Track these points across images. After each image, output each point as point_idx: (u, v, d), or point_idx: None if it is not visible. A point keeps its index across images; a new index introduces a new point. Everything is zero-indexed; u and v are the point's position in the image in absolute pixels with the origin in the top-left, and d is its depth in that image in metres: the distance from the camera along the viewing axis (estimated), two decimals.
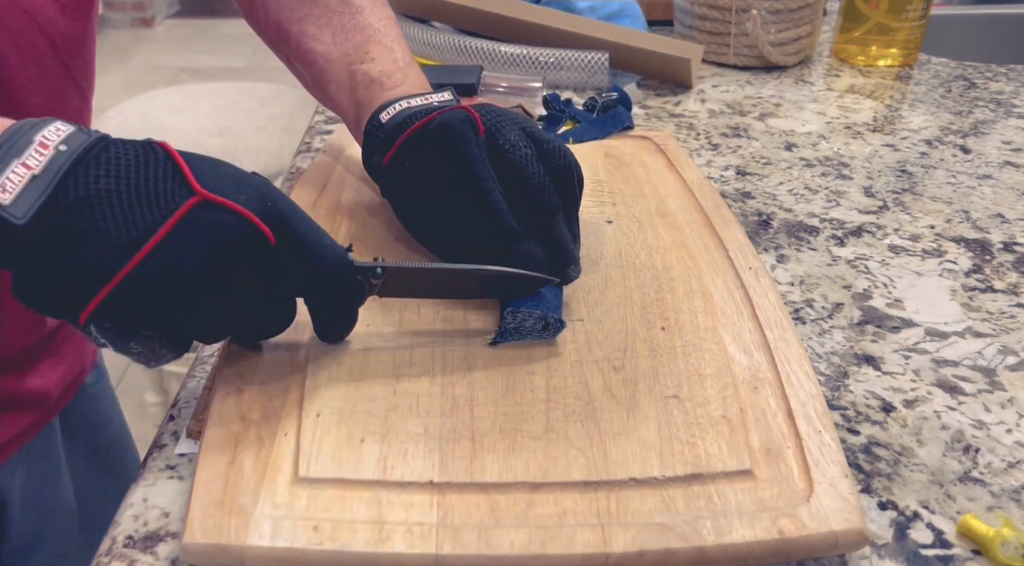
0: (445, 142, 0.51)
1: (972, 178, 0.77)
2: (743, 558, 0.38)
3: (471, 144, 0.50)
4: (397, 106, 0.55)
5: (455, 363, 0.47)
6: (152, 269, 0.36)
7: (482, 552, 0.37)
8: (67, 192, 0.36)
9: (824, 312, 0.58)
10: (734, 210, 0.70)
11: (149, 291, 0.36)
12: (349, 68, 0.59)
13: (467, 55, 0.95)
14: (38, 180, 0.35)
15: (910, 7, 1.01)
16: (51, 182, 0.36)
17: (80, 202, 0.36)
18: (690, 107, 0.93)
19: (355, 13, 0.61)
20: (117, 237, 0.36)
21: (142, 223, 0.36)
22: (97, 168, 0.37)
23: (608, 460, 0.41)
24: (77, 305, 0.36)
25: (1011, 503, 0.43)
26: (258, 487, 0.39)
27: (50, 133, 0.37)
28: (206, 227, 0.37)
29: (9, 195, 0.35)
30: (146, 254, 0.36)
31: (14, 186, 0.35)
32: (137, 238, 0.36)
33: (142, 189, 0.37)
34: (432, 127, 0.52)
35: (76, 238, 0.36)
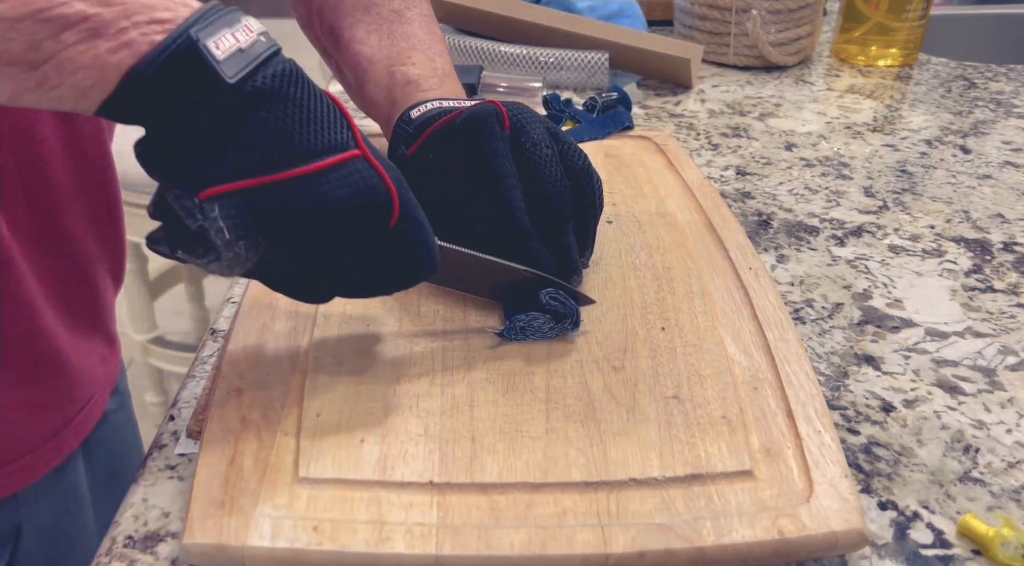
0: (471, 135, 0.51)
1: (972, 178, 0.77)
2: (743, 558, 0.38)
3: (496, 138, 0.51)
4: (430, 105, 0.56)
5: (455, 363, 0.47)
6: (303, 189, 0.38)
7: (482, 552, 0.37)
8: (266, 76, 0.37)
9: (824, 312, 0.58)
10: (734, 210, 0.70)
11: (293, 207, 0.37)
12: (389, 69, 0.61)
13: (467, 55, 0.95)
14: (244, 54, 0.37)
15: (910, 7, 1.01)
16: (254, 61, 0.37)
17: (273, 92, 0.37)
18: (690, 107, 0.93)
19: (404, 23, 0.63)
20: (289, 142, 0.37)
21: (313, 144, 0.38)
22: (285, 72, 0.38)
23: (608, 460, 0.41)
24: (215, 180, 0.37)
25: (1011, 503, 0.43)
26: (258, 487, 0.39)
27: (252, 22, 0.38)
28: (360, 180, 0.39)
29: (223, 54, 0.36)
30: (309, 172, 0.38)
31: (226, 49, 0.36)
32: (305, 154, 0.38)
33: (320, 116, 0.39)
34: (459, 121, 0.52)
35: (256, 123, 0.37)
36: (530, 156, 0.51)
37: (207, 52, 0.35)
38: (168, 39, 0.35)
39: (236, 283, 0.61)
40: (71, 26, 0.34)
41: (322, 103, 0.39)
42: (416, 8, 0.64)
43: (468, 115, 0.52)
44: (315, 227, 0.39)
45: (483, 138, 0.51)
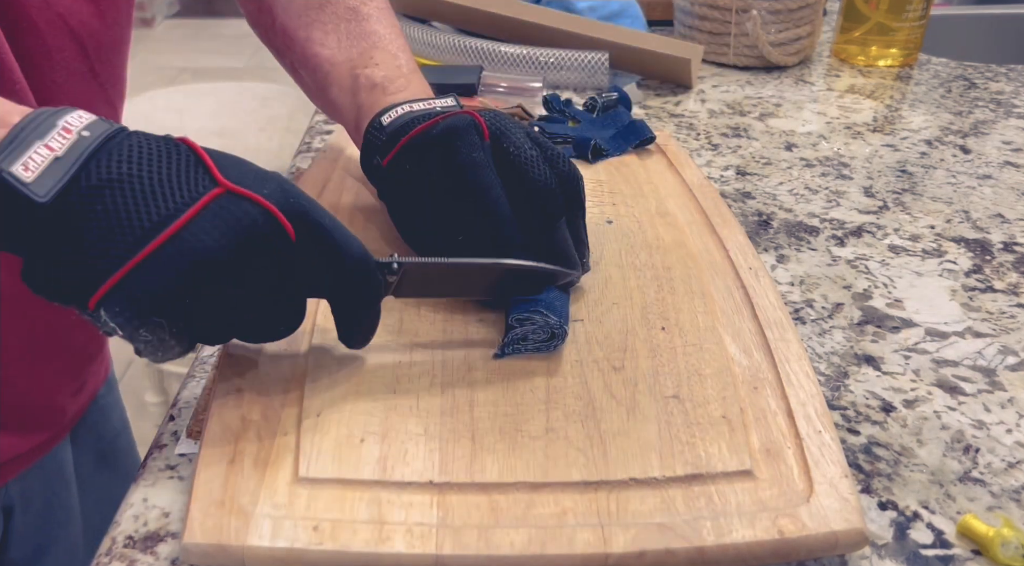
0: (450, 147, 0.50)
1: (972, 178, 0.77)
2: (743, 558, 0.38)
3: (476, 149, 0.50)
4: (399, 110, 0.54)
5: (455, 363, 0.47)
6: (170, 254, 0.36)
7: (482, 552, 0.37)
8: (89, 175, 0.36)
9: (824, 312, 0.58)
10: (734, 210, 0.70)
11: (165, 276, 0.36)
12: (352, 72, 0.59)
13: (467, 55, 0.95)
14: (60, 162, 0.35)
15: (910, 7, 1.01)
16: (73, 164, 0.36)
17: (102, 185, 0.36)
18: (690, 107, 0.93)
19: (361, 21, 0.61)
20: (138, 220, 0.36)
21: (164, 209, 0.36)
22: (119, 154, 0.37)
23: (608, 460, 0.41)
24: (88, 289, 0.36)
25: (1011, 503, 0.43)
26: (258, 487, 0.39)
27: (73, 119, 0.37)
28: (230, 217, 0.37)
29: (32, 174, 0.35)
30: (167, 238, 0.36)
31: (36, 166, 0.35)
32: (158, 223, 0.36)
33: (165, 177, 0.37)
34: (436, 131, 0.51)
35: (95, 221, 0.36)
36: (515, 159, 0.50)
37: (13, 180, 0.34)
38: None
39: None
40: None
41: (165, 163, 0.37)
42: (372, 2, 0.62)
43: (445, 126, 0.51)
44: (205, 281, 0.37)
45: (462, 149, 0.50)
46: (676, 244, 0.59)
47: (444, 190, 0.51)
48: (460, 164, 0.50)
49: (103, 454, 0.72)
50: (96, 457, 0.71)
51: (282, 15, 0.62)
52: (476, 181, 0.49)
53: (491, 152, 0.51)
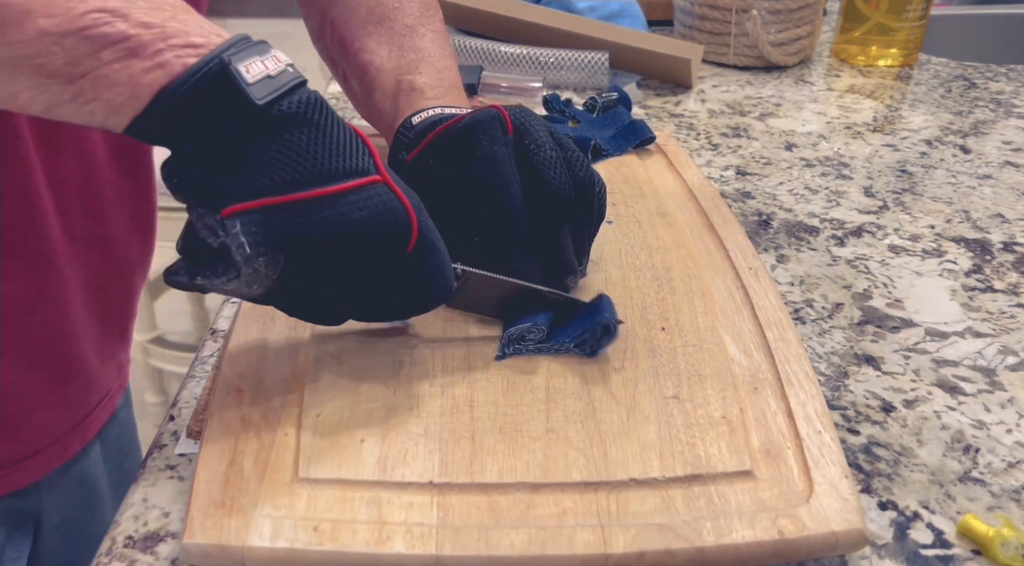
0: (472, 139, 0.51)
1: (972, 178, 0.77)
2: (743, 558, 0.38)
3: (498, 143, 0.51)
4: (431, 112, 0.56)
5: (455, 363, 0.47)
6: (326, 210, 0.38)
7: (482, 553, 0.37)
8: (292, 102, 0.38)
9: (824, 312, 0.58)
10: (734, 210, 0.70)
11: (314, 227, 0.38)
12: (396, 78, 0.61)
13: (467, 55, 0.95)
14: (272, 80, 0.38)
15: (910, 7, 1.01)
16: (282, 87, 0.38)
17: (298, 117, 0.38)
18: (690, 107, 0.93)
19: (416, 37, 0.64)
20: (313, 164, 0.38)
21: (336, 167, 0.39)
22: (314, 100, 0.39)
23: (608, 461, 0.41)
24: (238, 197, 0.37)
25: (1011, 503, 0.43)
26: (258, 487, 0.39)
27: (280, 53, 0.39)
28: (380, 204, 0.40)
29: (252, 77, 0.37)
30: (331, 193, 0.38)
31: (256, 74, 0.37)
32: (327, 176, 0.39)
33: (343, 142, 0.40)
34: (460, 125, 0.52)
35: (278, 144, 0.38)
36: (534, 157, 0.50)
37: (238, 75, 0.37)
38: (201, 62, 0.36)
39: None
40: (111, 44, 0.35)
41: (344, 131, 0.40)
42: (429, 25, 0.64)
43: (470, 120, 0.52)
44: (333, 247, 0.39)
45: (484, 142, 0.50)
46: (676, 244, 0.59)
47: (464, 184, 0.51)
48: (481, 156, 0.50)
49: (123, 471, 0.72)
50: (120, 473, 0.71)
51: (342, 27, 0.64)
52: (494, 175, 0.50)
53: (512, 148, 0.51)
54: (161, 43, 0.36)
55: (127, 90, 0.36)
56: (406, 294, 0.44)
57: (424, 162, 0.54)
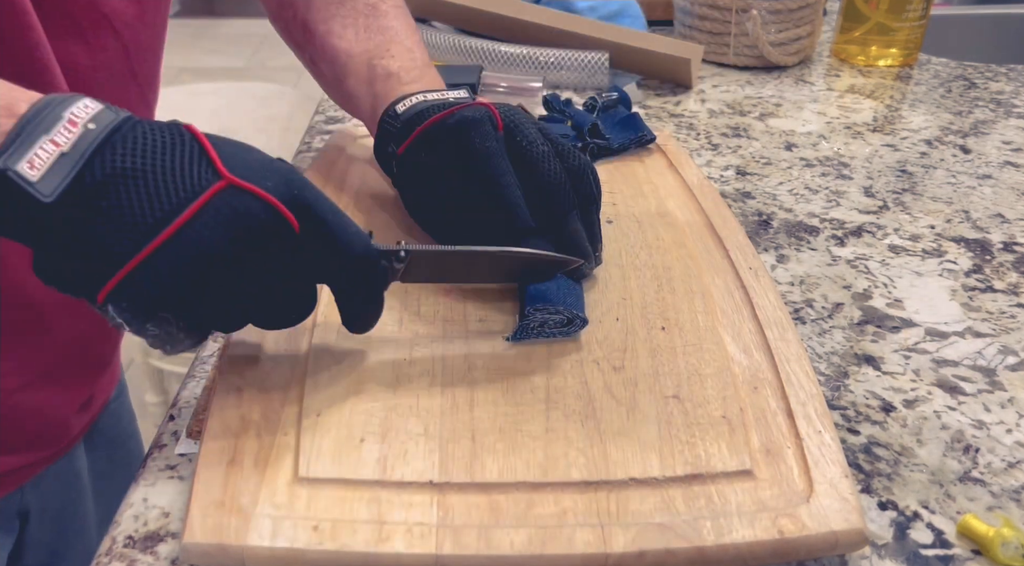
0: (465, 136, 0.51)
1: (972, 178, 0.77)
2: (743, 558, 0.38)
3: (490, 139, 0.51)
4: (413, 99, 0.56)
5: (455, 363, 0.47)
6: (173, 251, 0.36)
7: (482, 552, 0.37)
8: (94, 171, 0.36)
9: (824, 312, 0.58)
10: (734, 210, 0.70)
11: (169, 272, 0.36)
12: (369, 63, 0.61)
13: (467, 55, 0.95)
14: (66, 157, 0.35)
15: (910, 7, 1.01)
16: (79, 160, 0.35)
17: (106, 181, 0.36)
18: (690, 107, 0.93)
19: (379, 16, 0.63)
20: (141, 217, 0.36)
21: (167, 204, 0.36)
22: (124, 148, 0.36)
23: (608, 460, 0.41)
24: (96, 284, 0.36)
25: (1011, 503, 0.43)
26: (258, 487, 0.39)
27: (79, 110, 0.36)
28: (232, 212, 0.37)
29: (37, 172, 0.35)
30: (168, 236, 0.36)
31: (42, 163, 0.35)
32: (161, 219, 0.36)
33: (168, 171, 0.37)
34: (451, 121, 0.52)
35: (100, 217, 0.35)
36: (527, 153, 0.51)
37: (19, 178, 0.34)
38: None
39: None
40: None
41: (172, 154, 0.37)
42: (390, 1, 0.64)
43: (460, 117, 0.52)
44: (210, 275, 0.37)
45: (477, 138, 0.51)
46: (676, 244, 0.59)
47: (458, 178, 0.52)
48: (474, 151, 0.51)
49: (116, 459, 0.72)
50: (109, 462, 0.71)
51: (303, 10, 0.64)
52: (489, 169, 0.51)
53: (504, 144, 0.52)
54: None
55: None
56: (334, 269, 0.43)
57: (415, 155, 0.54)
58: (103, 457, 0.70)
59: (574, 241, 0.52)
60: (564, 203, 0.51)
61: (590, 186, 0.53)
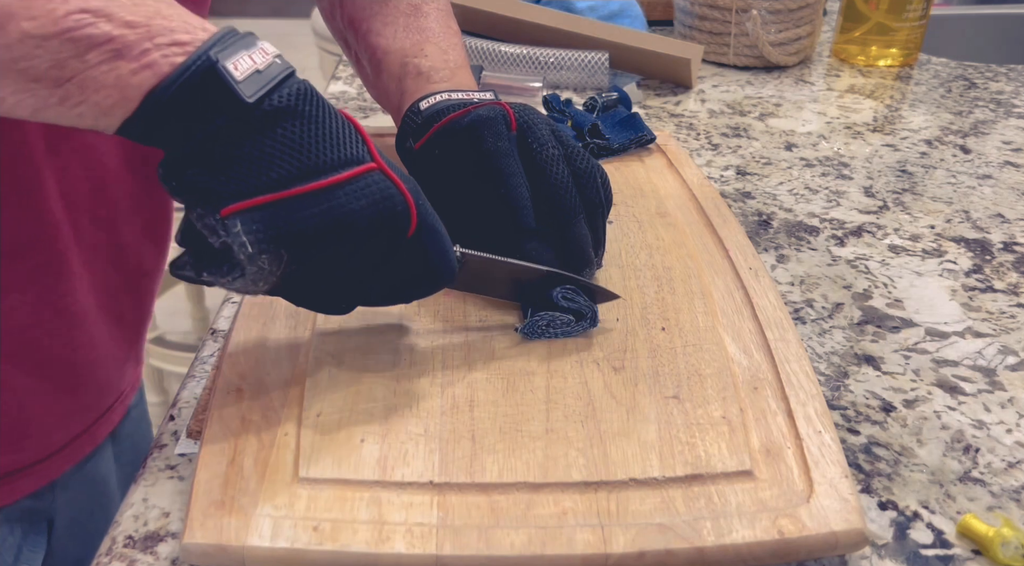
0: (477, 134, 0.52)
1: (972, 178, 0.77)
2: (743, 558, 0.38)
3: (503, 139, 0.52)
4: (438, 97, 0.57)
5: (455, 363, 0.47)
6: (324, 201, 0.38)
7: (482, 552, 0.37)
8: (282, 95, 0.38)
9: (824, 312, 0.58)
10: (734, 210, 0.70)
11: (313, 220, 0.38)
12: (402, 60, 0.62)
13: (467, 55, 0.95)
14: (261, 75, 0.38)
15: (910, 7, 1.01)
16: (271, 81, 0.38)
17: (287, 110, 0.38)
18: (690, 107, 0.93)
19: (420, 17, 0.65)
20: (307, 157, 0.38)
21: (330, 158, 0.39)
22: (304, 91, 0.39)
23: (608, 460, 0.41)
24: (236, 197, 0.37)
25: (1011, 503, 0.43)
26: (258, 487, 0.39)
27: (267, 45, 0.39)
28: (377, 191, 0.40)
29: (240, 74, 0.37)
30: (328, 185, 0.38)
31: (244, 70, 0.37)
32: (323, 168, 0.38)
33: (334, 132, 0.40)
34: (466, 119, 0.53)
35: (271, 140, 0.38)
36: (536, 155, 0.52)
37: (226, 73, 0.36)
38: (188, 60, 0.36)
39: None
40: (96, 46, 0.35)
41: (337, 121, 0.40)
42: (433, 3, 0.65)
43: (475, 116, 0.53)
44: (335, 238, 0.39)
45: (489, 137, 0.52)
46: (676, 244, 0.59)
47: (470, 175, 0.53)
48: (485, 150, 0.52)
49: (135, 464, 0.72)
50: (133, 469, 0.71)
51: (350, 7, 0.65)
52: (498, 167, 0.52)
53: (515, 145, 0.53)
54: (147, 43, 0.36)
55: (115, 93, 0.35)
56: (411, 278, 0.44)
57: (431, 152, 0.55)
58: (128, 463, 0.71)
59: (577, 246, 0.52)
60: (569, 208, 0.52)
61: (597, 191, 0.54)
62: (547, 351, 0.48)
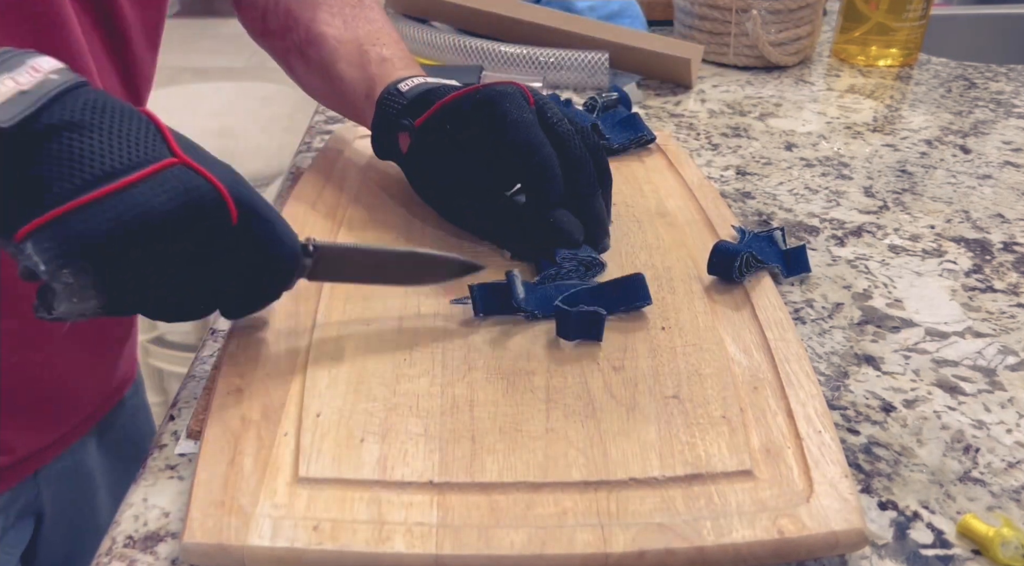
0: (500, 107, 0.53)
1: (972, 178, 0.77)
2: (743, 558, 0.38)
3: (527, 111, 0.53)
4: (415, 81, 0.58)
5: (455, 363, 0.47)
6: (115, 205, 0.37)
7: (482, 552, 0.37)
8: (52, 113, 0.37)
9: (824, 312, 0.58)
10: (734, 210, 0.70)
11: (106, 224, 0.37)
12: (361, 48, 0.63)
13: (467, 55, 0.95)
14: (25, 96, 0.36)
15: (910, 7, 1.01)
16: (38, 101, 0.36)
17: (61, 126, 0.37)
18: (690, 107, 0.93)
19: (365, 8, 0.66)
20: (88, 168, 0.37)
21: (117, 163, 0.37)
22: (84, 102, 0.37)
23: (608, 460, 0.41)
24: (22, 220, 0.36)
25: (1011, 503, 0.43)
26: (258, 487, 0.39)
27: (42, 62, 0.37)
28: (181, 186, 0.38)
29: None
30: (116, 189, 0.37)
31: (1, 95, 0.35)
32: (110, 173, 0.37)
33: (124, 135, 0.38)
34: (483, 94, 0.54)
35: (47, 158, 0.36)
36: (556, 128, 0.53)
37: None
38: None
39: None
40: None
41: (131, 124, 0.39)
42: None
43: (494, 91, 0.54)
44: (140, 239, 0.38)
45: (514, 109, 0.53)
46: (676, 244, 0.59)
47: (490, 148, 0.53)
48: (514, 121, 0.52)
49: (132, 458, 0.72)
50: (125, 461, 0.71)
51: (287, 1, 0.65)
52: (526, 138, 0.52)
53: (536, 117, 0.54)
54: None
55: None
56: (252, 272, 0.44)
57: (438, 127, 0.55)
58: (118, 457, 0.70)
59: (599, 217, 0.55)
60: (591, 180, 0.54)
61: (607, 168, 0.56)
62: (547, 351, 0.48)
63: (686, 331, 0.50)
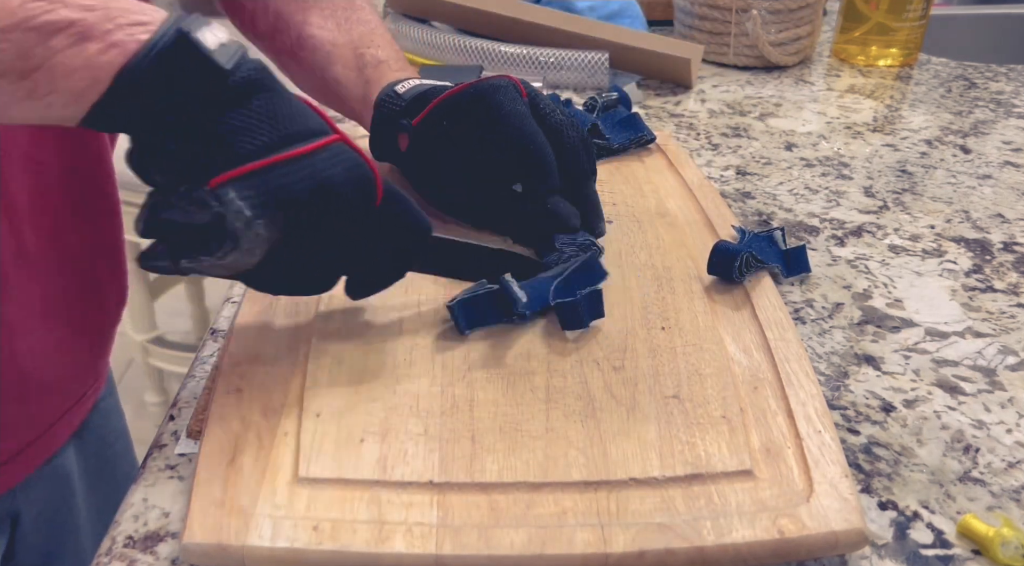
0: (493, 100, 0.54)
1: (972, 178, 0.77)
2: (743, 558, 0.38)
3: (520, 103, 0.54)
4: (411, 82, 0.58)
5: (455, 363, 0.47)
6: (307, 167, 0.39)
7: (482, 552, 0.37)
8: (249, 68, 0.38)
9: (824, 312, 0.58)
10: (734, 210, 0.70)
11: (303, 182, 0.39)
12: (356, 51, 0.63)
13: (467, 55, 0.95)
14: (226, 47, 0.38)
15: (910, 7, 1.01)
16: (234, 55, 0.38)
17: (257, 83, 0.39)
18: (690, 107, 0.93)
19: (357, 10, 0.65)
20: (284, 126, 0.39)
21: (304, 127, 0.40)
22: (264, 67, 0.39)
23: (608, 460, 0.41)
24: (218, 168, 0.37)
25: (1011, 503, 0.43)
26: (258, 487, 0.39)
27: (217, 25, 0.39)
28: (348, 159, 0.41)
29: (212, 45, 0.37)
30: (306, 152, 0.39)
31: (214, 42, 0.37)
32: (295, 137, 0.39)
33: (299, 105, 0.41)
34: (475, 90, 0.55)
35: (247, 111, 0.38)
36: (550, 118, 0.55)
37: (201, 43, 0.36)
38: (156, 36, 0.36)
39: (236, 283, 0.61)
40: (59, 31, 0.35)
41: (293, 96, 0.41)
42: None
43: (487, 84, 0.55)
44: (321, 202, 0.40)
45: (507, 102, 0.54)
46: (676, 244, 0.59)
47: (482, 142, 0.54)
48: (505, 113, 0.53)
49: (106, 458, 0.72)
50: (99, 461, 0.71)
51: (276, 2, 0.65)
52: (520, 129, 0.53)
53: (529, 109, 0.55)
54: (108, 23, 0.35)
55: (86, 75, 0.35)
56: (387, 250, 0.46)
57: (435, 124, 0.56)
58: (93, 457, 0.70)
59: (594, 204, 0.56)
60: (584, 167, 0.55)
61: (593, 158, 0.58)
62: (547, 351, 0.48)
63: (686, 331, 0.50)
